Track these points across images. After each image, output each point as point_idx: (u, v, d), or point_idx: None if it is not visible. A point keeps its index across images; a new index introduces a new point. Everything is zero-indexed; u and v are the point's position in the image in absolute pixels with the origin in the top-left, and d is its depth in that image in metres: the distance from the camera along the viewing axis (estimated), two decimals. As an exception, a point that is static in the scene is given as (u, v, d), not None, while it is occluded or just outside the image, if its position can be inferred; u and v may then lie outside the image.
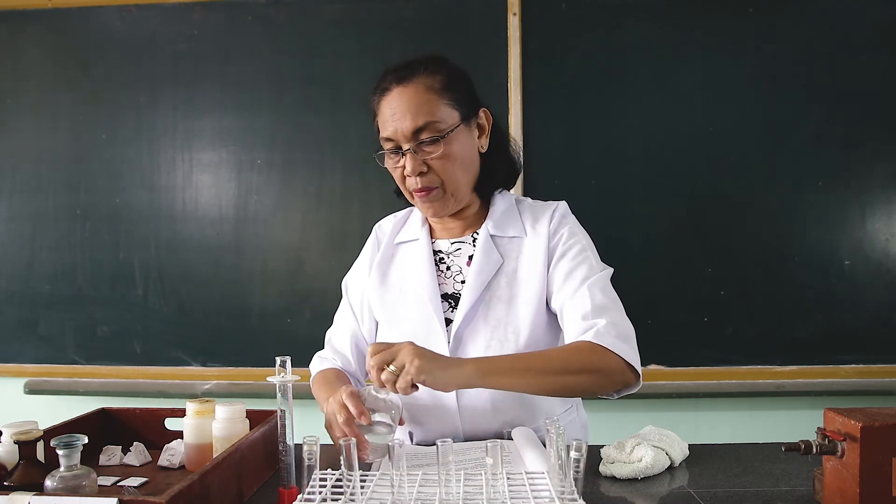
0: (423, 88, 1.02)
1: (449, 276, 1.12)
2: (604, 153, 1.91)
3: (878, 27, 1.86)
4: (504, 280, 1.08)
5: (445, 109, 1.03)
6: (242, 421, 0.95)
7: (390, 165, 1.08)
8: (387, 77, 1.05)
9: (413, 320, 1.10)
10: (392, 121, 1.02)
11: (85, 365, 2.05)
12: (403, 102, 1.02)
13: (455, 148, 1.04)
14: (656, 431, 0.94)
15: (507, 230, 1.11)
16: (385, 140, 1.05)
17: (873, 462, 0.67)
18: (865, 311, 1.86)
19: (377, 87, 1.07)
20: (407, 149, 1.03)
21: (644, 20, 1.90)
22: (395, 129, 1.02)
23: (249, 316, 2.00)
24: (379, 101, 1.06)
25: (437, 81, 1.03)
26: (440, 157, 1.02)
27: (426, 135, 1.01)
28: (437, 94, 1.03)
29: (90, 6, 2.03)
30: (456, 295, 1.09)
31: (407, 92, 1.02)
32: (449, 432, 1.06)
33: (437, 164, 1.03)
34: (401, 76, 1.04)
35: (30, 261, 2.07)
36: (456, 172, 1.05)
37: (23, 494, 0.63)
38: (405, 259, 1.16)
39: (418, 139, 1.02)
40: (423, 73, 1.03)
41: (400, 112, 1.02)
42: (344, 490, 0.71)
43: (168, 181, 2.03)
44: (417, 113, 1.01)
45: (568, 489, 0.68)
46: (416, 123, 1.01)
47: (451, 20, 1.94)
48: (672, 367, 1.90)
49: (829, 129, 1.87)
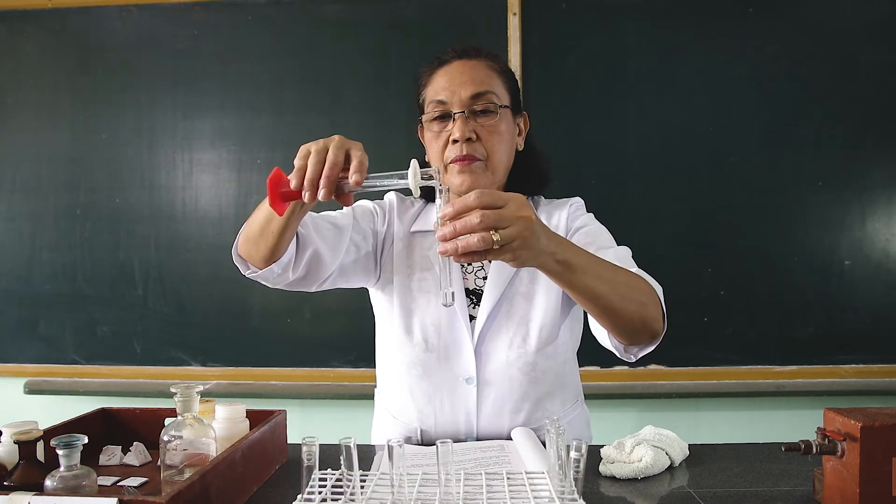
0: (485, 66, 1.07)
1: (470, 271, 1.11)
2: (604, 153, 1.91)
3: (878, 27, 1.86)
4: (526, 276, 1.08)
5: (502, 89, 1.07)
6: (242, 421, 0.94)
7: (433, 133, 1.06)
8: (447, 52, 1.09)
9: (435, 313, 1.08)
10: (450, 86, 1.04)
11: (85, 365, 2.05)
12: (466, 72, 1.05)
13: (504, 127, 1.06)
14: (656, 431, 0.94)
15: None
16: (435, 104, 1.05)
17: (873, 462, 0.67)
18: (865, 311, 1.86)
19: (434, 60, 1.09)
20: (460, 111, 1.03)
21: (644, 20, 1.90)
22: (452, 94, 1.03)
23: (249, 316, 2.00)
24: (434, 70, 1.08)
25: (498, 65, 1.09)
26: (490, 129, 1.04)
27: (481, 104, 1.04)
28: (497, 74, 1.08)
29: (90, 6, 2.03)
30: (478, 291, 1.09)
31: (469, 64, 1.06)
32: (463, 432, 1.06)
33: (486, 134, 1.04)
34: (464, 51, 1.08)
35: (30, 261, 2.07)
36: (501, 150, 1.06)
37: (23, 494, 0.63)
38: (425, 250, 1.12)
39: (472, 107, 1.03)
40: (486, 56, 1.08)
41: (459, 80, 1.04)
42: (344, 490, 0.71)
43: (168, 181, 2.03)
44: (479, 82, 1.04)
45: (568, 489, 0.68)
46: (477, 89, 1.03)
47: (451, 20, 1.94)
48: (672, 367, 1.90)
49: (829, 130, 1.87)
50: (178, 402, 0.79)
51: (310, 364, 1.98)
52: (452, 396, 1.05)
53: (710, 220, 1.89)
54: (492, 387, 1.05)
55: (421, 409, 1.08)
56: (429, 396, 1.07)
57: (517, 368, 1.05)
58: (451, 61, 1.07)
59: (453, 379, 1.06)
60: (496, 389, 1.05)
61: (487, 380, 1.05)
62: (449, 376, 1.06)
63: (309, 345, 1.99)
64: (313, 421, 2.00)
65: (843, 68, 1.86)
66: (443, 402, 1.06)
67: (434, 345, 1.07)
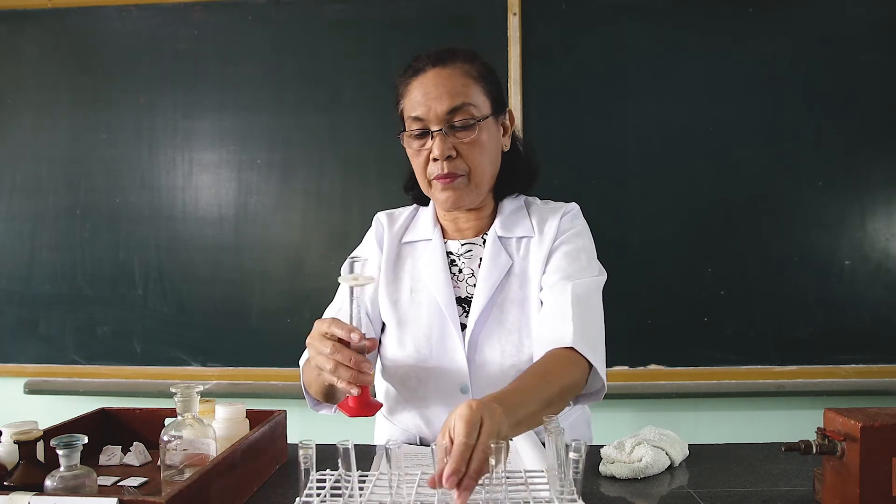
0: (461, 72, 1.01)
1: (461, 279, 1.09)
2: (604, 153, 1.91)
3: (878, 27, 1.86)
4: (516, 282, 1.05)
5: (480, 97, 1.01)
6: (242, 421, 0.95)
7: (413, 151, 1.04)
8: (421, 59, 1.03)
9: (426, 324, 1.06)
10: (425, 101, 0.99)
11: (85, 365, 2.05)
12: (440, 83, 0.99)
13: (485, 137, 1.02)
14: (656, 431, 0.94)
15: (514, 230, 1.09)
16: (413, 121, 1.01)
17: (873, 462, 0.67)
18: (865, 311, 1.86)
19: (409, 68, 1.04)
20: (437, 129, 0.99)
21: (644, 20, 1.90)
22: (428, 109, 0.99)
23: (249, 316, 2.00)
24: (409, 81, 1.03)
25: (475, 69, 1.02)
26: (471, 144, 1.00)
27: (459, 119, 0.99)
28: (474, 80, 1.01)
29: (90, 6, 2.03)
30: (469, 299, 1.06)
31: (444, 73, 1.00)
32: None
33: (467, 150, 1.00)
34: (438, 58, 1.02)
35: (30, 261, 2.07)
36: (484, 162, 1.02)
37: (23, 494, 0.63)
38: (416, 260, 1.11)
39: (450, 122, 0.99)
40: (461, 59, 1.02)
41: (435, 92, 0.99)
42: (342, 491, 0.70)
43: (168, 181, 2.03)
44: (455, 94, 0.99)
45: (567, 489, 0.68)
46: (453, 103, 0.98)
47: (451, 20, 1.94)
48: (672, 367, 1.90)
49: (829, 129, 1.87)
50: (178, 402, 0.79)
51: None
52: (448, 406, 1.03)
53: (710, 220, 1.89)
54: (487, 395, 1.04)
55: (419, 419, 1.07)
56: (425, 406, 1.06)
57: (511, 377, 1.03)
58: (426, 70, 1.01)
59: (448, 389, 1.04)
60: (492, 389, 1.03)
61: (482, 388, 1.03)
62: (443, 386, 1.05)
63: (309, 345, 1.99)
64: (313, 421, 1.98)
65: (843, 68, 1.86)
66: (439, 411, 1.05)
67: (426, 356, 1.05)
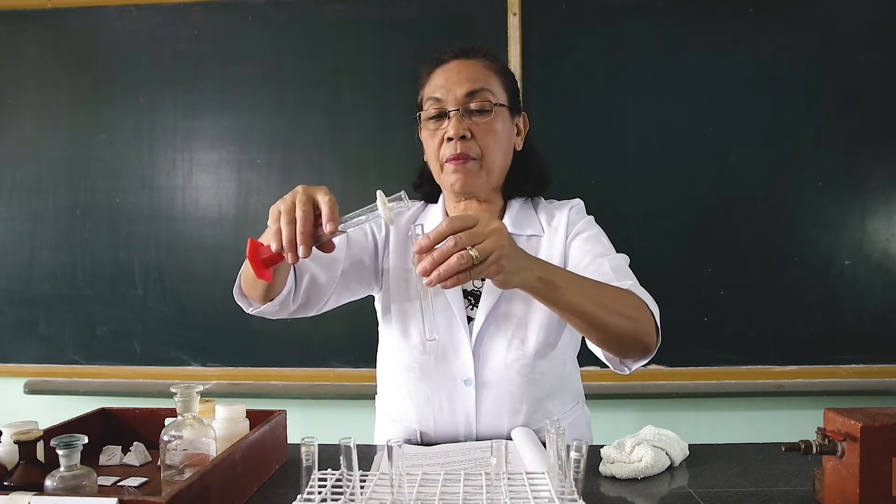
0: (483, 65, 1.07)
1: None
2: (604, 153, 1.91)
3: (878, 27, 1.86)
4: None
5: (498, 88, 1.07)
6: (242, 421, 0.94)
7: (429, 132, 1.08)
8: (446, 51, 1.09)
9: None
10: (446, 84, 1.05)
11: (85, 365, 2.05)
12: (462, 71, 1.05)
13: (500, 126, 1.06)
14: (656, 431, 0.94)
15: (524, 229, 1.11)
16: (432, 101, 1.06)
17: (873, 462, 0.67)
18: (865, 311, 1.86)
19: (433, 59, 1.10)
20: (454, 110, 1.03)
21: (644, 20, 1.90)
22: (448, 91, 1.04)
23: (249, 316, 1.99)
24: (432, 69, 1.09)
25: (496, 65, 1.09)
26: (485, 128, 1.04)
27: (476, 103, 1.04)
28: (495, 73, 1.08)
29: (90, 6, 2.03)
30: (475, 292, 1.08)
31: (467, 63, 1.07)
32: (463, 434, 1.06)
33: (481, 133, 1.04)
34: (462, 51, 1.08)
35: (30, 261, 2.07)
36: (496, 149, 1.06)
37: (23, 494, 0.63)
38: None
39: (467, 105, 1.04)
40: (484, 56, 1.09)
41: (456, 78, 1.04)
42: (343, 490, 0.71)
43: (168, 181, 2.03)
44: (475, 80, 1.04)
45: (568, 489, 0.68)
46: (472, 87, 1.03)
47: (451, 20, 1.94)
48: (672, 367, 1.90)
49: (829, 129, 1.87)
50: (178, 402, 0.79)
51: (310, 364, 1.98)
52: (451, 398, 1.05)
53: (710, 220, 1.89)
54: (490, 388, 1.05)
55: (420, 411, 1.07)
56: (427, 398, 1.07)
57: (515, 370, 1.05)
58: (449, 61, 1.08)
59: (451, 380, 1.06)
60: (494, 391, 1.04)
61: (486, 381, 1.05)
62: (447, 378, 1.06)
63: (309, 345, 1.99)
64: (313, 421, 2.00)
65: (843, 68, 1.86)
66: (441, 403, 1.06)
67: (431, 346, 1.06)
